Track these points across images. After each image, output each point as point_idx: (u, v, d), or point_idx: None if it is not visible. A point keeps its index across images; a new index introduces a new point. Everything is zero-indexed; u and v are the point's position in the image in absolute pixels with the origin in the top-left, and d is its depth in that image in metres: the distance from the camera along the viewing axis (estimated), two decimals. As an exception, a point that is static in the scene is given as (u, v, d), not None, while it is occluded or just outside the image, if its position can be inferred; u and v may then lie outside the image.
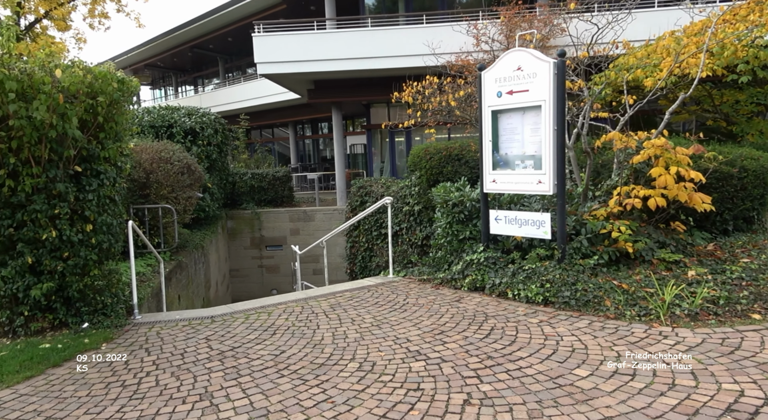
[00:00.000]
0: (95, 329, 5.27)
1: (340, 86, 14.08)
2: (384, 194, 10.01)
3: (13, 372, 4.32)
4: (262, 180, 14.66)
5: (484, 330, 4.72)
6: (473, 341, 4.45)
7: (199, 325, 5.40)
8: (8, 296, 5.08)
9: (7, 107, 4.50)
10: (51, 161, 5.04)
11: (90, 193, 5.30)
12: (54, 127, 4.78)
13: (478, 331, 4.69)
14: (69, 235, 5.12)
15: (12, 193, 4.89)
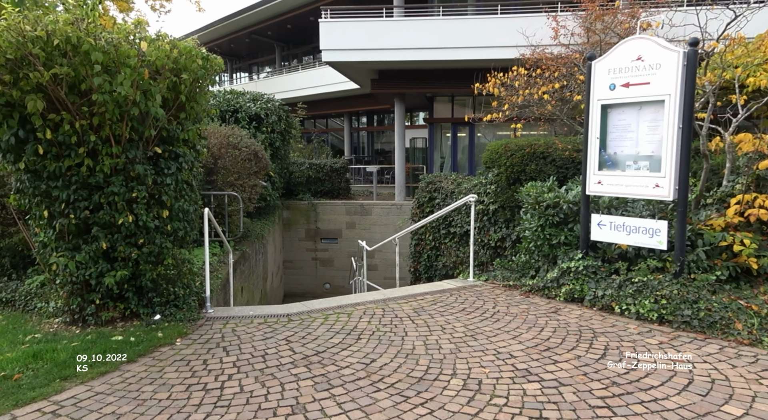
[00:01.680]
0: (167, 322, 4.95)
1: (405, 77, 13.55)
2: (455, 191, 9.43)
3: (87, 366, 4.01)
4: (319, 171, 14.33)
5: (596, 349, 4.10)
6: (588, 362, 3.86)
7: (276, 323, 4.99)
8: (80, 283, 4.81)
9: (92, 80, 4.18)
10: (131, 141, 4.73)
11: (168, 177, 4.97)
12: (137, 104, 4.45)
13: (591, 350, 4.08)
14: (145, 221, 4.80)
15: (90, 174, 4.59)
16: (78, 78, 4.24)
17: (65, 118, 4.29)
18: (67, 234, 4.74)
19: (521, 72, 7.69)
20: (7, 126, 4.19)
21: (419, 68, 13.37)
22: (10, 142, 4.28)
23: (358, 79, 15.21)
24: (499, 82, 7.87)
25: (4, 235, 5.99)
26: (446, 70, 13.50)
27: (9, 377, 3.82)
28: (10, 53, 3.90)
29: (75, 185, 4.53)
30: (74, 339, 4.56)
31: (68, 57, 4.13)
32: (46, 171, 4.46)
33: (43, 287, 5.73)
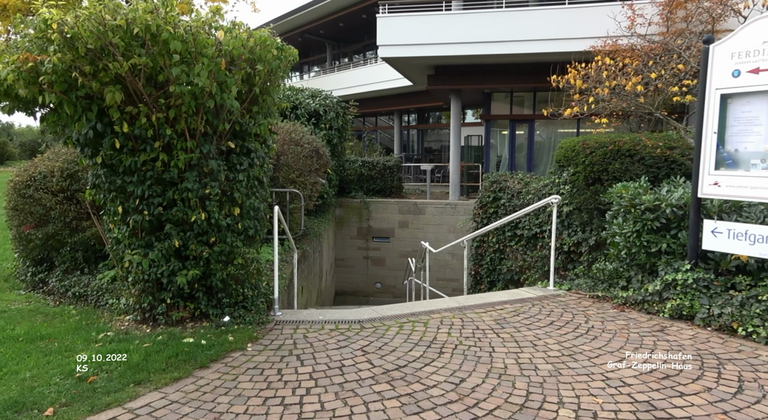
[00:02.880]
0: (236, 324, 4.75)
1: (463, 73, 13.09)
2: (521, 191, 8.93)
3: (159, 370, 3.83)
4: (372, 168, 14.07)
5: (728, 381, 3.58)
6: (723, 397, 3.34)
7: (348, 331, 4.70)
8: (152, 281, 4.67)
9: (170, 71, 3.99)
10: (205, 135, 4.54)
11: (240, 173, 4.77)
12: (212, 96, 4.24)
13: (722, 382, 3.56)
14: (217, 219, 4.61)
15: (164, 169, 4.43)
16: (155, 69, 4.07)
17: (142, 111, 4.13)
18: (140, 231, 4.61)
19: (607, 61, 7.11)
20: (86, 119, 4.07)
21: (478, 63, 12.87)
22: (88, 136, 4.16)
23: (412, 76, 14.84)
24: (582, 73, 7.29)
25: (77, 229, 5.98)
26: (506, 65, 12.94)
27: (84, 379, 3.68)
28: (90, 43, 3.75)
29: (149, 181, 4.38)
30: (145, 339, 4.42)
31: (147, 46, 3.96)
32: (122, 166, 4.33)
33: (113, 282, 5.67)
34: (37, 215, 5.98)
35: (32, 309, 5.39)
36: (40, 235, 5.98)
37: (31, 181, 6.03)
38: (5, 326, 4.79)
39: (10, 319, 5.01)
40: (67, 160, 6.08)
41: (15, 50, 3.96)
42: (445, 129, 22.29)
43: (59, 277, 5.94)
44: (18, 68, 3.80)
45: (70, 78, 3.90)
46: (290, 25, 22.55)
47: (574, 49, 11.46)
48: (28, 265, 6.37)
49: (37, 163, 6.31)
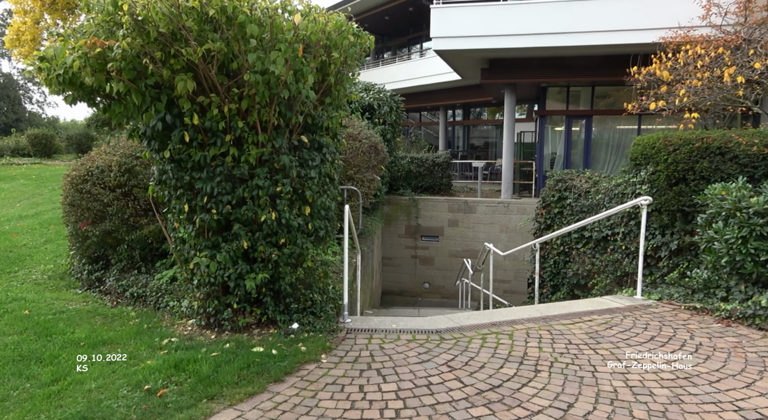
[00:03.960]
0: (306, 332, 4.41)
1: (518, 66, 12.48)
2: (590, 190, 8.32)
3: (232, 383, 3.52)
4: (420, 165, 13.63)
5: None
6: None
7: (426, 342, 4.30)
8: (218, 284, 4.37)
9: (245, 57, 3.66)
10: (277, 128, 4.20)
11: (312, 170, 4.42)
12: (287, 85, 3.89)
13: None
14: (288, 219, 4.27)
15: (235, 165, 4.12)
16: (229, 55, 3.75)
17: (214, 102, 3.83)
18: (206, 230, 4.31)
19: (698, 51, 6.46)
20: (155, 110, 3.78)
21: (534, 56, 12.24)
22: (156, 128, 3.87)
23: (463, 70, 14.31)
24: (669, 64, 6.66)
25: (134, 226, 5.78)
26: (564, 58, 12.27)
27: (154, 392, 3.40)
28: (162, 26, 3.45)
29: (219, 177, 4.08)
30: (212, 347, 4.12)
31: (221, 31, 3.63)
32: (191, 161, 4.04)
33: (172, 283, 5.43)
34: (95, 211, 5.81)
35: (90, 310, 5.21)
36: (97, 232, 5.80)
37: (89, 176, 5.86)
38: (65, 329, 4.60)
39: (70, 321, 4.82)
40: (125, 155, 5.88)
41: (81, 35, 3.71)
42: (488, 125, 21.62)
43: (116, 276, 5.75)
44: (85, 54, 3.54)
45: (139, 65, 3.61)
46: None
47: (640, 40, 10.72)
48: (83, 262, 6.22)
49: (94, 157, 6.14)
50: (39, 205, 10.99)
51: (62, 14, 19.16)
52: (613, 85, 13.01)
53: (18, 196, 12.57)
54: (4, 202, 11.93)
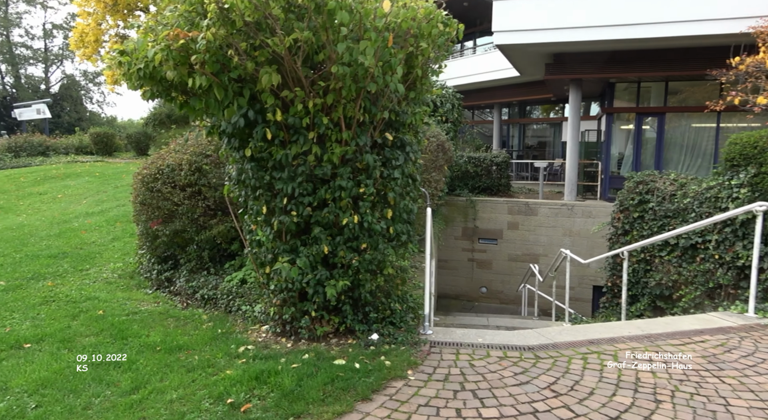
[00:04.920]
0: (387, 344, 4.11)
1: (586, 60, 11.80)
2: (676, 193, 7.66)
3: (317, 400, 3.25)
4: (478, 165, 13.15)
5: None
6: None
7: (521, 360, 3.91)
8: (295, 291, 4.13)
9: (333, 48, 3.39)
10: (362, 125, 3.92)
11: (395, 170, 4.11)
12: (374, 78, 3.59)
13: None
14: (370, 222, 3.98)
15: (317, 164, 3.86)
16: (314, 46, 3.49)
17: (298, 96, 3.57)
18: (284, 233, 4.08)
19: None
20: (237, 105, 3.56)
21: (603, 50, 11.52)
22: (237, 125, 3.66)
23: (524, 65, 13.71)
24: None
25: (203, 226, 5.65)
26: (635, 52, 11.49)
27: (237, 406, 3.17)
28: (248, 15, 3.22)
29: (300, 177, 3.83)
30: (291, 357, 3.88)
31: (307, 19, 3.37)
32: (272, 160, 3.80)
33: (242, 285, 5.26)
34: (165, 210, 5.72)
35: (162, 311, 5.10)
36: (167, 232, 5.72)
37: (159, 175, 5.78)
38: (140, 331, 4.48)
39: (143, 323, 4.71)
40: (195, 153, 5.76)
41: (163, 27, 3.53)
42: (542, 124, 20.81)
43: (186, 277, 5.64)
44: (167, 46, 3.35)
45: (222, 57, 3.40)
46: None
47: (725, 31, 9.88)
48: (153, 262, 6.16)
49: (164, 155, 6.06)
50: (104, 203, 11.22)
51: (123, 15, 19.74)
52: (690, 80, 12.13)
53: (83, 193, 12.93)
54: (71, 199, 12.28)
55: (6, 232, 8.51)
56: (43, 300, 5.20)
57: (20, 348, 4.08)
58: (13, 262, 6.53)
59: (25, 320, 4.66)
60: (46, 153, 21.10)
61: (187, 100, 3.98)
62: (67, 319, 4.72)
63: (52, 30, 44.14)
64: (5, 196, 13.09)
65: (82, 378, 3.60)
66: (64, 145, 22.29)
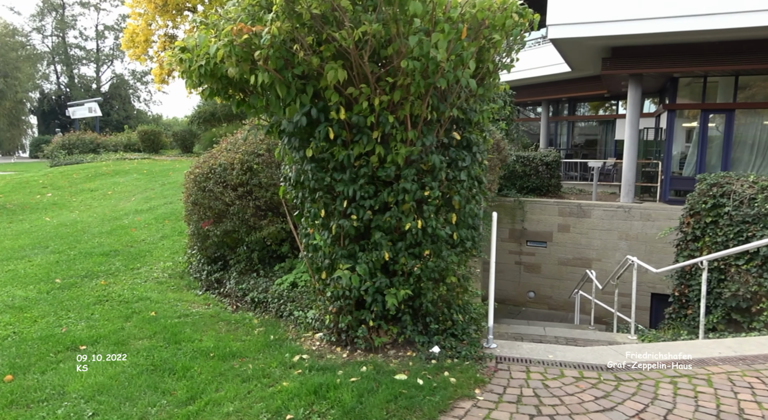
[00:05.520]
0: (450, 358, 3.84)
1: (647, 54, 11.14)
2: (756, 197, 7.06)
3: (381, 419, 3.02)
4: (527, 164, 12.66)
5: None
6: None
7: (599, 382, 3.57)
8: (353, 298, 3.91)
9: (403, 41, 3.14)
10: (428, 124, 3.65)
11: (461, 172, 3.83)
12: (445, 74, 3.32)
13: None
14: (434, 228, 3.71)
15: (380, 165, 3.62)
16: (382, 39, 3.24)
17: (364, 93, 3.34)
18: (343, 238, 3.87)
19: None
20: (300, 103, 3.36)
21: (666, 42, 10.84)
22: (299, 124, 3.46)
23: (577, 61, 13.11)
24: None
25: (254, 227, 5.52)
26: (703, 44, 10.75)
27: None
28: (315, 7, 3.01)
29: (362, 179, 3.60)
30: (349, 370, 3.66)
31: (376, 10, 3.13)
32: (334, 160, 3.59)
33: (293, 289, 5.10)
34: (216, 210, 5.62)
35: (213, 314, 4.99)
36: (217, 232, 5.62)
37: (211, 174, 5.69)
38: (192, 335, 4.36)
39: (195, 327, 4.60)
40: (247, 152, 5.64)
41: (225, 22, 3.36)
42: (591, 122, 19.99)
43: (236, 279, 5.52)
44: (230, 42, 3.17)
45: (286, 53, 3.20)
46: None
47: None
48: (203, 262, 6.09)
49: (216, 154, 5.97)
50: (152, 200, 11.38)
51: (171, 15, 20.13)
52: (764, 74, 11.29)
53: (132, 190, 13.18)
54: (121, 196, 12.53)
55: (61, 229, 8.68)
56: (96, 299, 5.19)
57: (76, 350, 4.02)
58: (67, 260, 6.60)
59: (80, 320, 4.63)
60: (97, 150, 21.78)
61: (244, 98, 3.83)
62: (120, 320, 4.66)
63: (103, 31, 45.85)
64: (59, 192, 13.50)
65: (137, 384, 3.49)
66: (114, 142, 22.97)
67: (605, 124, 19.11)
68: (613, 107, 19.24)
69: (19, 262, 6.59)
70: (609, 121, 18.88)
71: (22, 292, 5.31)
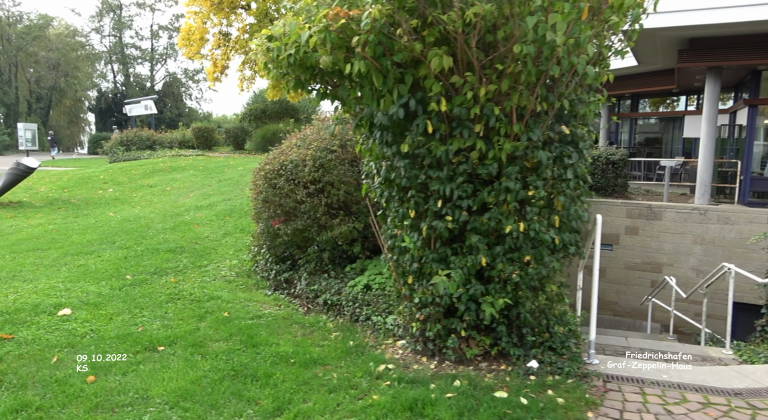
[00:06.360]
0: (550, 375, 3.49)
1: (728, 45, 10.35)
2: None
3: (489, 444, 2.72)
4: (591, 163, 11.99)
5: None
6: None
7: (730, 410, 3.14)
8: (444, 306, 3.62)
9: (519, 23, 2.81)
10: (536, 116, 3.32)
11: (568, 170, 3.47)
12: (559, 60, 2.98)
13: None
14: (537, 231, 3.37)
15: (480, 162, 3.31)
16: (490, 23, 2.93)
17: (469, 83, 3.03)
18: (434, 241, 3.58)
19: None
20: (397, 94, 3.09)
21: (750, 32, 10.02)
22: (394, 117, 3.19)
23: (648, 53, 12.35)
24: None
25: (325, 226, 5.32)
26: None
27: (398, 446, 2.71)
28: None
29: (461, 177, 3.30)
30: (441, 384, 3.38)
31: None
32: (430, 156, 3.31)
33: (368, 292, 4.87)
34: (287, 208, 5.45)
35: (285, 316, 4.81)
36: (288, 231, 5.44)
37: (282, 171, 5.52)
38: (269, 339, 4.18)
39: (270, 329, 4.43)
40: (319, 148, 5.43)
41: (318, 4, 3.13)
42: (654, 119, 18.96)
43: (307, 280, 5.33)
44: (325, 28, 2.94)
45: (386, 39, 2.94)
46: None
47: None
48: (271, 261, 5.94)
49: (286, 150, 5.80)
50: (210, 196, 11.45)
51: (226, 13, 20.37)
52: None
53: (190, 186, 13.36)
54: (179, 192, 12.71)
55: (125, 224, 8.79)
56: (168, 297, 5.11)
57: (154, 350, 3.91)
58: (135, 256, 6.61)
59: (154, 319, 4.54)
60: (153, 147, 22.37)
61: (327, 89, 3.61)
62: (194, 320, 4.55)
63: (158, 31, 47.31)
64: (120, 188, 13.84)
65: (220, 391, 3.32)
66: (169, 139, 23.55)
67: (671, 121, 18.07)
68: (675, 103, 18.19)
69: (88, 256, 6.64)
70: (676, 118, 17.83)
71: (95, 288, 5.29)
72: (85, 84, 46.54)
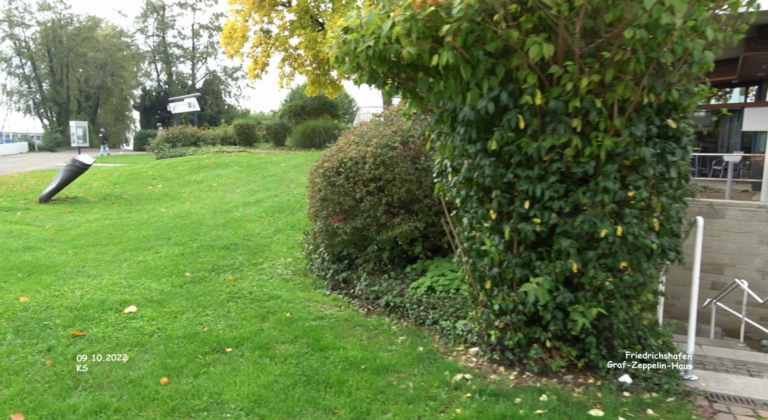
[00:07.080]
0: (648, 392, 3.21)
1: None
2: None
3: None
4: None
5: None
6: None
7: None
8: (527, 314, 3.38)
9: (632, 5, 2.54)
10: (639, 110, 3.03)
11: (671, 168, 3.17)
12: (673, 46, 2.69)
13: None
14: (636, 235, 3.09)
15: (574, 159, 3.05)
16: (593, 7, 2.67)
17: (569, 73, 2.78)
18: (517, 244, 3.34)
19: None
20: (488, 86, 2.86)
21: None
22: (482, 112, 2.96)
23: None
24: None
25: (385, 225, 5.14)
26: None
27: (494, 469, 2.50)
28: (524, -33, 2.49)
29: (553, 176, 3.05)
30: (527, 397, 3.15)
31: (595, -30, 2.56)
32: (520, 154, 3.07)
33: (432, 295, 4.67)
34: (346, 207, 5.30)
35: (347, 318, 4.66)
36: (347, 230, 5.29)
37: (342, 168, 5.36)
38: (335, 342, 4.04)
39: (334, 331, 4.28)
40: (379, 145, 5.26)
41: None
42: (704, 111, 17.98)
43: (367, 280, 5.17)
44: (412, 16, 2.74)
45: (477, 27, 2.71)
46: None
47: None
48: (327, 260, 5.81)
49: (344, 147, 5.65)
50: (256, 192, 11.47)
51: (266, 11, 20.47)
52: None
53: (235, 182, 13.44)
54: (226, 188, 12.79)
55: (177, 220, 8.86)
56: (229, 296, 5.04)
57: (223, 352, 3.82)
58: (191, 252, 6.60)
59: (218, 318, 4.47)
60: (197, 143, 22.74)
61: (400, 83, 3.41)
62: (257, 320, 4.45)
63: (199, 30, 48.21)
64: (169, 183, 14.05)
65: (294, 398, 3.19)
66: (212, 136, 23.90)
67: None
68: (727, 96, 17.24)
69: (147, 253, 6.68)
70: (734, 111, 16.88)
71: (157, 285, 5.28)
72: (130, 83, 47.93)
